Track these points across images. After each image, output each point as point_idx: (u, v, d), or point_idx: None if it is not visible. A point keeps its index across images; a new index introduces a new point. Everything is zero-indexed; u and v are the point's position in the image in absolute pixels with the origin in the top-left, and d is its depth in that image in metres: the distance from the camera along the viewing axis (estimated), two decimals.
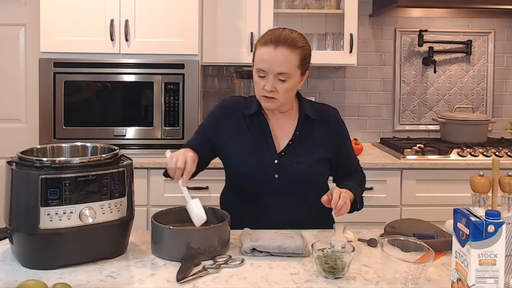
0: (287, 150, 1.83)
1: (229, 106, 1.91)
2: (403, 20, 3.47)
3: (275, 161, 1.81)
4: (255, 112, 1.85)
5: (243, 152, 1.83)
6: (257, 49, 1.77)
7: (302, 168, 1.81)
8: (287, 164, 1.80)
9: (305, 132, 1.85)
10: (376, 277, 1.38)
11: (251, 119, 1.86)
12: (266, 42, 1.74)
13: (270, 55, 1.72)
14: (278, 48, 1.72)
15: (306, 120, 1.86)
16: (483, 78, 3.52)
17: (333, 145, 1.88)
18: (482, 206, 1.54)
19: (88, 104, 2.87)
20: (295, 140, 1.84)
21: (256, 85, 1.78)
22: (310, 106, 1.90)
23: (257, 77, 1.76)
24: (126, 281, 1.35)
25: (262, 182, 1.80)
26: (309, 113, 1.86)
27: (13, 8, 3.17)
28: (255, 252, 1.52)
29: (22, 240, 1.41)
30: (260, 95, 1.78)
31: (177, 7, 2.85)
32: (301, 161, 1.81)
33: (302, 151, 1.83)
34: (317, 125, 1.87)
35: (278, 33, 1.76)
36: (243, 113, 1.87)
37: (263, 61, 1.72)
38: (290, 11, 3.21)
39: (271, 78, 1.73)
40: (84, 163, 1.43)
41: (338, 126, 1.91)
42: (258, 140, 1.83)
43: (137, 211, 1.59)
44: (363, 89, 3.49)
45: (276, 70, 1.72)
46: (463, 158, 2.89)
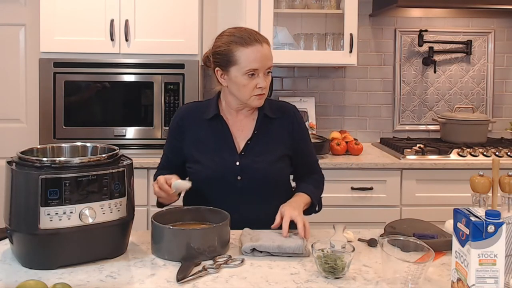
0: (247, 150, 1.82)
1: (186, 113, 1.90)
2: (403, 20, 3.47)
3: (236, 162, 1.80)
4: (214, 116, 1.84)
5: (204, 157, 1.82)
6: (236, 52, 1.73)
7: (263, 167, 1.80)
8: (248, 164, 1.80)
9: (264, 130, 1.85)
10: (376, 277, 1.38)
11: (210, 123, 1.85)
12: (249, 41, 1.73)
13: (260, 52, 1.73)
14: (263, 45, 1.75)
15: (265, 118, 1.86)
16: (483, 78, 3.52)
17: (292, 142, 1.88)
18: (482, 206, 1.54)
19: (88, 104, 2.88)
20: (254, 139, 1.83)
21: (244, 87, 1.75)
22: (269, 104, 1.89)
23: (247, 78, 1.74)
24: (126, 281, 1.35)
25: (225, 184, 1.79)
26: (267, 112, 1.86)
27: (13, 8, 3.17)
28: (255, 252, 1.51)
29: (22, 240, 1.41)
30: (251, 95, 1.76)
31: (177, 7, 2.85)
32: (262, 160, 1.81)
33: (262, 150, 1.83)
34: (276, 123, 1.87)
35: (248, 31, 1.77)
36: (201, 118, 1.86)
37: (256, 60, 1.72)
38: (290, 11, 3.20)
39: (262, 75, 1.74)
40: (84, 163, 1.43)
41: (297, 123, 1.91)
42: (218, 143, 1.83)
43: (137, 211, 1.59)
44: (363, 89, 3.49)
45: (268, 65, 1.75)
46: (463, 158, 2.89)
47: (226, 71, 1.77)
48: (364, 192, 2.84)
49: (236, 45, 1.74)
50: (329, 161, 2.85)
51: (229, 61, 1.75)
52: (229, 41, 1.76)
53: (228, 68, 1.76)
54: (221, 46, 1.78)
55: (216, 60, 1.80)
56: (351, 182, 2.84)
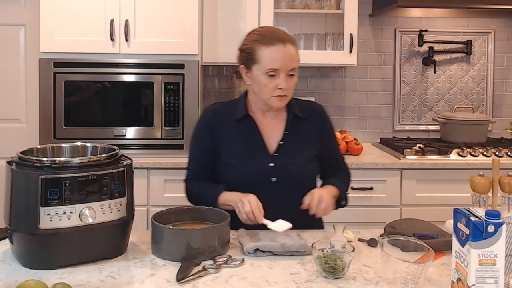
0: (280, 151, 1.82)
1: (214, 113, 1.88)
2: (403, 20, 3.47)
3: (270, 164, 1.80)
4: (243, 116, 1.84)
5: (236, 159, 1.81)
6: (259, 51, 1.74)
7: (296, 168, 1.81)
8: (282, 165, 1.80)
9: (294, 131, 1.85)
10: (376, 277, 1.38)
11: (239, 124, 1.84)
12: (272, 41, 1.73)
13: (282, 52, 1.72)
14: (287, 45, 1.73)
15: (295, 119, 1.86)
16: (483, 78, 3.52)
17: (321, 142, 1.89)
18: (482, 206, 1.54)
19: (88, 104, 2.87)
20: (285, 140, 1.83)
21: (264, 87, 1.75)
22: (297, 104, 1.90)
23: (267, 78, 1.74)
24: (126, 281, 1.35)
25: (259, 186, 1.78)
26: (297, 112, 1.86)
27: (13, 8, 3.17)
28: (258, 252, 1.51)
29: (22, 240, 1.41)
30: (271, 96, 1.76)
31: (177, 7, 2.85)
32: (295, 161, 1.82)
33: (294, 150, 1.83)
34: (305, 123, 1.87)
35: (275, 31, 1.78)
36: (230, 119, 1.85)
37: (277, 60, 1.72)
38: (290, 11, 3.20)
39: (284, 76, 1.73)
40: (84, 163, 1.43)
41: (326, 123, 1.93)
42: (249, 144, 1.82)
43: (137, 211, 1.59)
44: (363, 89, 3.49)
45: (290, 66, 1.73)
46: (463, 158, 2.89)
47: (249, 69, 1.79)
48: (364, 192, 2.84)
49: (259, 43, 1.75)
50: None
51: (252, 59, 1.76)
52: (253, 40, 1.77)
53: (251, 66, 1.78)
54: (246, 44, 1.80)
55: (241, 57, 1.82)
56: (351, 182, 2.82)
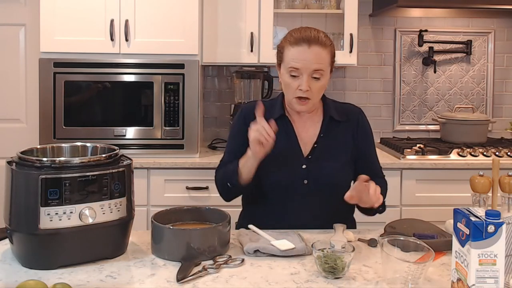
0: (313, 153, 1.82)
1: (250, 112, 1.85)
2: (403, 20, 3.47)
3: (303, 166, 1.79)
4: (280, 116, 1.83)
5: (270, 159, 1.75)
6: (286, 49, 1.75)
7: (330, 173, 1.80)
8: (315, 169, 1.79)
9: (330, 134, 1.84)
10: (376, 277, 1.38)
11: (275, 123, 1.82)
12: (298, 41, 1.73)
13: (305, 53, 1.72)
14: (312, 46, 1.73)
15: (331, 121, 1.85)
16: (483, 78, 3.52)
17: (356, 147, 1.86)
18: (482, 206, 1.54)
19: (88, 104, 2.87)
20: (320, 143, 1.82)
21: (287, 86, 1.76)
22: (334, 106, 1.89)
23: (289, 77, 1.74)
24: (126, 281, 1.35)
25: (291, 187, 1.78)
26: (333, 115, 1.85)
27: (13, 8, 3.17)
28: (258, 253, 1.51)
29: (22, 240, 1.41)
30: (293, 97, 1.76)
31: (177, 7, 2.85)
32: (329, 165, 1.80)
33: (328, 154, 1.82)
34: (341, 126, 1.86)
35: (307, 32, 1.76)
36: (267, 118, 1.79)
37: (298, 60, 1.72)
38: (290, 11, 3.20)
39: (306, 77, 1.72)
40: (84, 163, 1.43)
41: (361, 127, 1.89)
42: (284, 145, 1.79)
43: (137, 211, 1.59)
44: (363, 89, 3.49)
45: (312, 67, 1.72)
46: (463, 158, 2.89)
47: (279, 67, 1.81)
48: None
49: (287, 42, 1.76)
50: None
51: (280, 57, 1.79)
52: (285, 39, 1.79)
53: (280, 65, 1.80)
54: (280, 43, 1.82)
55: (276, 56, 1.84)
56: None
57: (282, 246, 1.52)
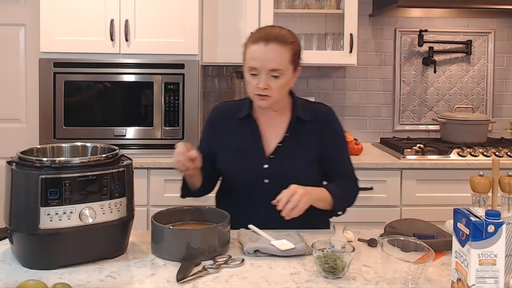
0: (277, 153, 1.81)
1: (220, 113, 1.91)
2: (403, 20, 3.47)
3: (265, 165, 1.79)
4: (246, 116, 1.84)
5: (233, 158, 1.82)
6: (247, 48, 1.76)
7: (292, 173, 1.78)
8: (276, 168, 1.78)
9: (296, 134, 1.82)
10: (376, 277, 1.38)
11: (242, 123, 1.84)
12: (256, 39, 1.73)
13: (261, 52, 1.70)
14: (269, 45, 1.70)
15: (298, 121, 1.83)
16: (483, 78, 3.52)
17: (324, 147, 1.83)
18: (482, 206, 1.54)
19: (88, 104, 2.88)
20: (285, 142, 1.81)
21: (248, 84, 1.76)
22: (303, 106, 1.86)
23: (249, 76, 1.74)
24: (126, 281, 1.35)
25: (252, 186, 1.79)
26: (301, 115, 1.83)
27: (13, 8, 3.17)
28: (258, 253, 1.51)
29: (22, 240, 1.41)
30: (253, 94, 1.76)
31: (177, 7, 2.85)
32: (291, 165, 1.79)
33: (292, 154, 1.80)
34: (308, 126, 1.83)
35: (268, 30, 1.75)
36: (234, 118, 1.86)
37: (255, 59, 1.71)
38: (290, 11, 3.20)
39: (264, 76, 1.71)
40: (84, 163, 1.43)
41: (329, 126, 1.86)
42: (248, 144, 1.82)
43: (137, 211, 1.59)
44: (363, 89, 3.49)
45: (269, 66, 1.70)
46: (463, 158, 2.89)
47: (243, 66, 1.80)
48: (364, 192, 2.84)
49: (249, 41, 1.76)
50: None
51: (243, 57, 1.79)
52: (248, 37, 1.79)
53: (243, 63, 1.79)
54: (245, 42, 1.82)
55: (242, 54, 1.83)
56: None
57: (282, 246, 1.52)
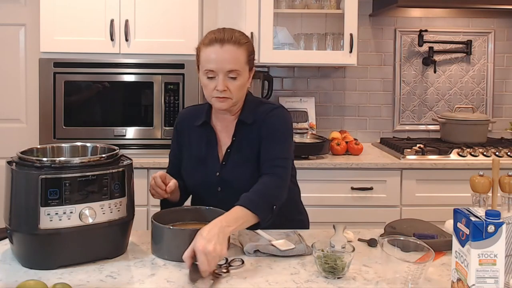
0: (227, 159, 1.78)
1: (182, 119, 1.90)
2: (403, 20, 3.47)
3: (217, 173, 1.77)
4: (203, 123, 1.81)
5: (192, 166, 1.82)
6: (201, 51, 1.72)
7: (240, 177, 1.74)
8: (227, 176, 1.76)
9: (241, 138, 1.78)
10: (376, 277, 1.38)
11: (200, 130, 1.82)
12: (211, 42, 1.69)
13: (217, 54, 1.68)
14: (225, 46, 1.68)
15: (242, 125, 1.79)
16: (483, 78, 3.52)
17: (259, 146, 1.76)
18: (482, 206, 1.54)
19: (88, 104, 2.88)
20: (232, 147, 1.78)
21: (205, 88, 1.72)
22: (251, 108, 1.80)
23: (206, 79, 1.70)
24: (126, 281, 1.35)
25: (207, 194, 1.78)
26: (243, 118, 1.78)
27: (13, 8, 3.17)
28: (258, 253, 1.51)
29: (22, 240, 1.41)
30: (211, 97, 1.72)
31: (177, 7, 2.85)
32: (240, 171, 1.75)
33: (240, 158, 1.77)
34: (250, 129, 1.78)
35: (221, 32, 1.73)
36: (193, 124, 1.84)
37: (211, 61, 1.68)
38: (290, 11, 3.20)
39: (221, 77, 1.68)
40: (84, 163, 1.43)
41: (267, 124, 1.77)
42: (205, 151, 1.80)
43: (137, 211, 1.59)
44: (363, 89, 3.49)
45: (226, 67, 1.68)
46: (463, 158, 2.89)
47: (198, 70, 1.77)
48: (364, 192, 2.84)
49: (201, 45, 1.73)
50: (329, 161, 2.85)
51: (197, 60, 1.76)
52: (201, 41, 1.76)
53: (198, 67, 1.77)
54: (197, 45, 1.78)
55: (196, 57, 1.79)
56: (351, 182, 2.84)
57: (282, 246, 1.52)
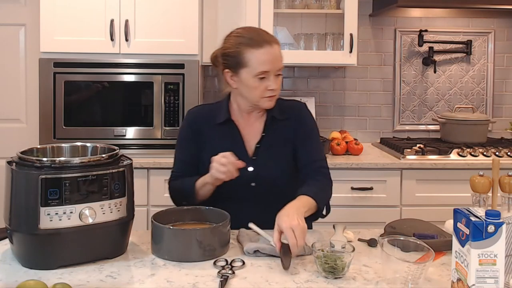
0: (257, 154, 1.80)
1: (197, 118, 1.86)
2: (403, 20, 3.47)
3: (249, 168, 1.77)
4: (225, 120, 1.81)
5: None
6: (247, 53, 1.68)
7: (274, 172, 1.78)
8: (260, 170, 1.78)
9: (272, 133, 1.81)
10: (376, 277, 1.38)
11: (221, 128, 1.81)
12: (259, 43, 1.69)
13: (270, 54, 1.69)
14: (273, 46, 1.70)
15: (273, 120, 1.82)
16: (483, 78, 3.52)
17: (296, 141, 1.82)
18: (482, 206, 1.54)
19: (88, 104, 2.88)
20: (263, 142, 1.80)
21: (255, 89, 1.71)
22: (278, 105, 1.83)
23: (257, 81, 1.70)
24: (126, 281, 1.35)
25: (240, 190, 1.77)
26: (275, 114, 1.81)
27: (13, 8, 3.17)
28: (258, 253, 1.51)
29: (22, 240, 1.41)
30: (261, 97, 1.73)
31: (177, 7, 2.85)
32: (273, 164, 1.78)
33: (271, 154, 1.79)
34: (283, 125, 1.82)
35: (258, 32, 1.73)
36: (213, 122, 1.82)
37: (266, 62, 1.68)
38: (290, 11, 3.20)
39: (274, 77, 1.70)
40: (84, 163, 1.43)
41: (302, 121, 1.85)
42: (230, 149, 1.75)
43: (137, 211, 1.59)
44: (363, 89, 3.49)
45: (278, 66, 1.71)
46: (463, 158, 2.89)
47: (236, 73, 1.73)
48: (364, 192, 2.84)
49: (246, 46, 1.69)
50: (329, 161, 2.81)
51: (239, 63, 1.71)
52: (238, 43, 1.71)
53: (238, 70, 1.72)
54: (230, 48, 1.73)
55: (225, 61, 1.75)
56: (351, 182, 2.84)
57: None
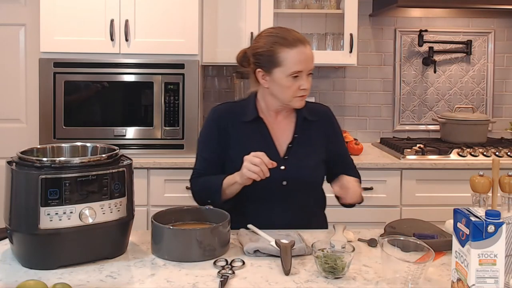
0: (290, 154, 1.81)
1: (223, 116, 1.83)
2: (403, 20, 3.47)
3: (281, 167, 1.77)
4: (254, 118, 1.81)
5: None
6: (281, 53, 1.69)
7: (307, 172, 1.80)
8: (292, 169, 1.78)
9: (304, 134, 1.83)
10: (376, 277, 1.38)
11: (249, 126, 1.81)
12: (293, 43, 1.70)
13: (304, 54, 1.70)
14: (307, 46, 1.72)
15: (304, 121, 1.84)
16: (483, 78, 3.52)
17: (328, 145, 1.87)
18: (482, 206, 1.54)
19: (88, 104, 2.87)
20: (295, 143, 1.82)
21: (288, 89, 1.71)
22: (306, 106, 1.86)
23: (291, 79, 1.70)
24: (126, 281, 1.35)
25: (268, 190, 1.76)
26: (306, 115, 1.84)
27: (13, 8, 3.17)
28: (258, 253, 1.51)
29: (22, 240, 1.41)
30: (293, 97, 1.73)
31: (177, 7, 2.85)
32: (305, 164, 1.80)
33: (304, 153, 1.81)
34: (314, 126, 1.85)
35: (290, 32, 1.74)
36: (240, 120, 1.82)
37: (301, 62, 1.69)
38: (290, 11, 3.20)
39: (306, 77, 1.72)
40: (84, 163, 1.43)
41: (333, 125, 1.91)
42: (260, 147, 1.74)
43: (137, 211, 1.59)
44: (363, 89, 3.49)
45: (310, 66, 1.73)
46: (463, 158, 2.89)
47: (269, 72, 1.73)
48: (364, 192, 2.81)
49: (280, 46, 1.70)
50: None
51: (272, 62, 1.71)
52: (271, 42, 1.72)
53: (271, 70, 1.72)
54: (262, 47, 1.73)
55: (257, 61, 1.75)
56: None
57: None
